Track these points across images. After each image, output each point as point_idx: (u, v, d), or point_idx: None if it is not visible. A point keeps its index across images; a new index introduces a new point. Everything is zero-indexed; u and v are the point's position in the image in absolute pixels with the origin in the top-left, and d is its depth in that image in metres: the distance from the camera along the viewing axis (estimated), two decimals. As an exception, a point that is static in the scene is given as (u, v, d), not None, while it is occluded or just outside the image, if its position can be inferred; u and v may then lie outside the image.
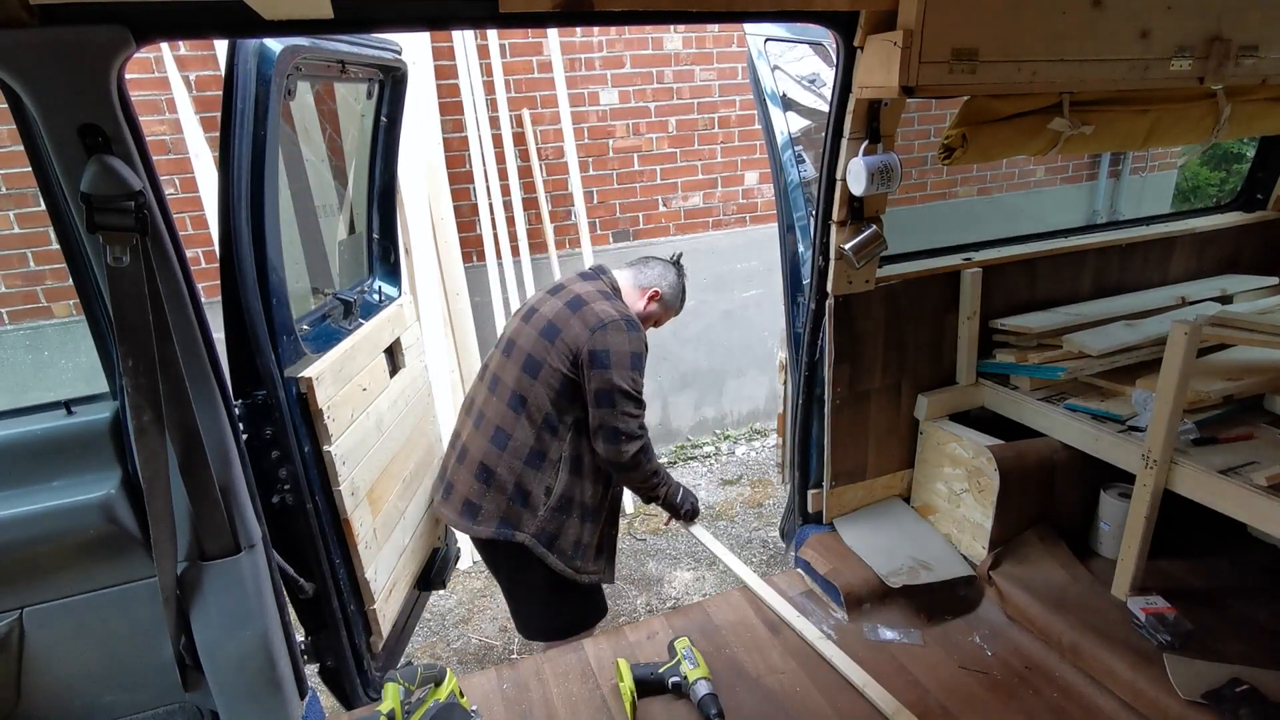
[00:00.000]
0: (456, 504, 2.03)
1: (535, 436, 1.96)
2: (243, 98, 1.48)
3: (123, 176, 1.14)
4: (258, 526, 1.50)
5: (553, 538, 2.00)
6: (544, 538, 1.99)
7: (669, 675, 1.75)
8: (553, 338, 1.94)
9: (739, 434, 4.50)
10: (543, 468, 1.97)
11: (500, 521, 1.98)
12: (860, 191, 1.75)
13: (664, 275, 2.19)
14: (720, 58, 3.87)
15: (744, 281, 4.30)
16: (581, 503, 2.02)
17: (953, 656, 1.88)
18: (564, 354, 1.92)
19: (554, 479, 1.98)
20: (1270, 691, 1.58)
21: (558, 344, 1.93)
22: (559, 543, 2.00)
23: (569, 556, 2.02)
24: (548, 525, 1.98)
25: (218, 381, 1.39)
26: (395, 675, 1.57)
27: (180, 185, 3.15)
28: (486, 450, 1.99)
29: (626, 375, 1.91)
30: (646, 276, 2.18)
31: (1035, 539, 2.11)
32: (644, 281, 2.18)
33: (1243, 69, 1.75)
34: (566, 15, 1.36)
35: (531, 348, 1.97)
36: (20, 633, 1.43)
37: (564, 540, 2.01)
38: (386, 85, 2.20)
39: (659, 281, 2.18)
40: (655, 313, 2.20)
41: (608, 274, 2.15)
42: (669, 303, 2.21)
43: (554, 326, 1.96)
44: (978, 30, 1.47)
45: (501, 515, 1.98)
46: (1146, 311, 2.31)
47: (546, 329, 1.96)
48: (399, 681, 1.56)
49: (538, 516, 1.98)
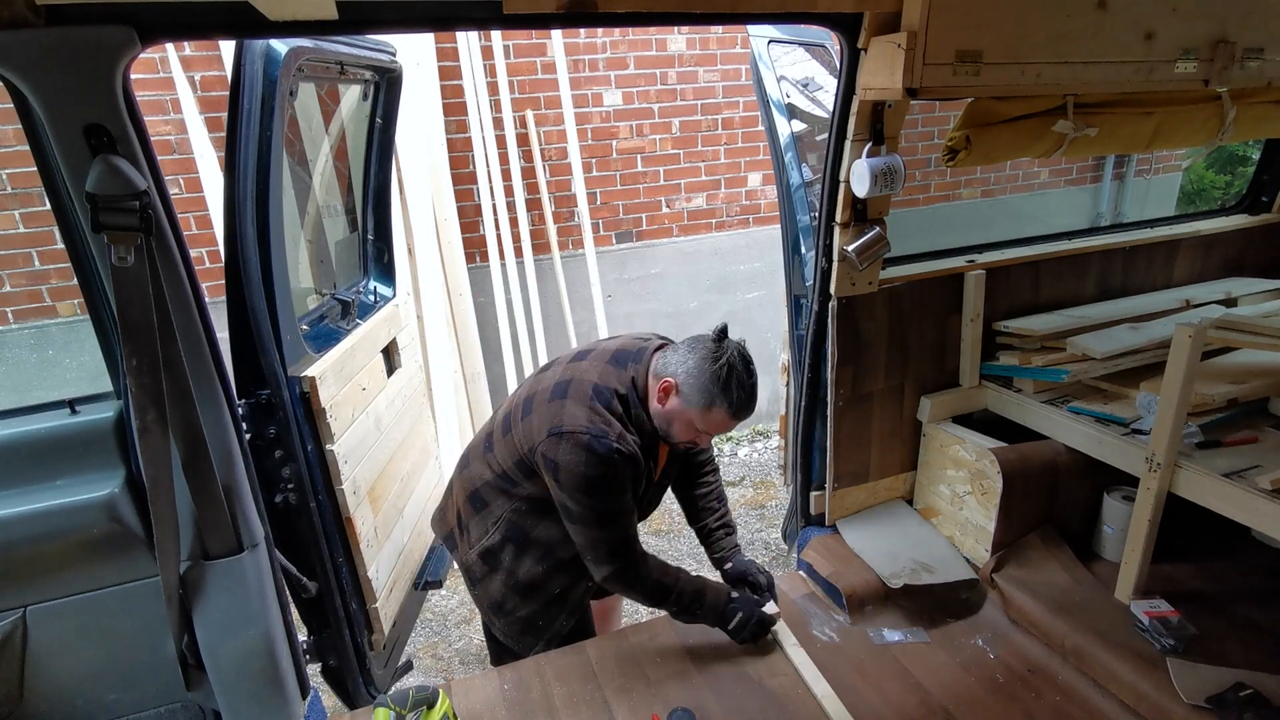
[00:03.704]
0: None
1: (488, 480, 1.73)
2: (249, 99, 1.49)
3: (128, 176, 1.15)
4: (260, 526, 1.51)
5: (476, 580, 1.81)
6: (470, 575, 1.83)
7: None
8: (526, 413, 1.65)
9: (741, 435, 4.50)
10: (484, 515, 1.75)
11: (447, 533, 1.89)
12: (863, 193, 1.75)
13: (685, 359, 1.58)
14: (724, 59, 3.87)
15: (747, 283, 4.30)
16: (510, 571, 1.74)
17: (955, 659, 1.88)
18: (525, 437, 1.63)
19: (483, 533, 1.75)
20: (1274, 695, 1.58)
21: (525, 423, 1.64)
22: (480, 589, 1.81)
23: (488, 607, 1.82)
24: (474, 568, 1.80)
25: (221, 381, 1.40)
26: (385, 700, 1.51)
27: (184, 185, 3.16)
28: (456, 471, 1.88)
29: (580, 499, 1.56)
30: (665, 361, 1.62)
31: (1038, 542, 2.11)
32: (660, 368, 1.62)
33: (1248, 71, 1.75)
34: (570, 16, 1.37)
35: (513, 406, 1.73)
36: (24, 631, 1.44)
37: (485, 589, 1.80)
38: (382, 87, 2.21)
39: (677, 367, 1.58)
40: (673, 413, 1.60)
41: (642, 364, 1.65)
42: (690, 396, 1.56)
43: (532, 402, 1.66)
44: (982, 32, 1.47)
45: (449, 527, 1.88)
46: (1151, 314, 2.31)
47: (528, 399, 1.68)
48: (389, 706, 1.50)
49: (468, 551, 1.80)
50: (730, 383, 1.54)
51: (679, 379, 1.57)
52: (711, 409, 1.56)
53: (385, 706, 1.50)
